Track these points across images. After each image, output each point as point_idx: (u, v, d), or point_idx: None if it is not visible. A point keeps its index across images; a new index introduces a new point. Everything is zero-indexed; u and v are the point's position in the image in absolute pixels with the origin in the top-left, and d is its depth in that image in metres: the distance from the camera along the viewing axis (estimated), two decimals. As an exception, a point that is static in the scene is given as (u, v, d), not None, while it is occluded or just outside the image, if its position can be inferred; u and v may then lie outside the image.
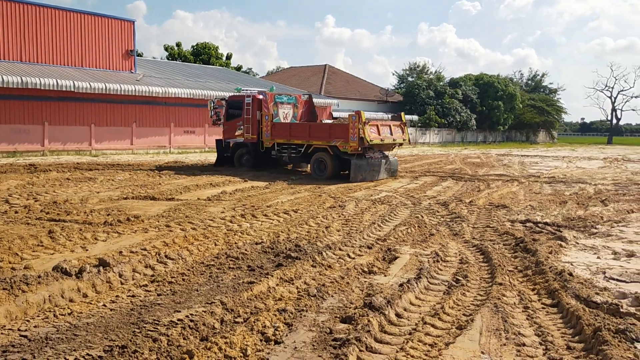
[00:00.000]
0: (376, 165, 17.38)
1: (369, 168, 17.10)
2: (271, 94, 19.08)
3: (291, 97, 19.91)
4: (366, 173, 17.01)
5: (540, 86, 75.80)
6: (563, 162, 28.25)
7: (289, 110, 19.56)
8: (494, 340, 4.51)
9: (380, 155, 17.62)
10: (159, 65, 39.05)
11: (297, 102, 19.91)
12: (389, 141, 17.44)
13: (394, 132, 17.56)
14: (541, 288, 5.96)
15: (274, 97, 19.05)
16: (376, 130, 16.83)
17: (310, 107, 20.45)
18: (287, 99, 19.64)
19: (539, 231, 9.14)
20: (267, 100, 18.79)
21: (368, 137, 16.24)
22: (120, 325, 4.66)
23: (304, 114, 20.21)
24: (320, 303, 5.33)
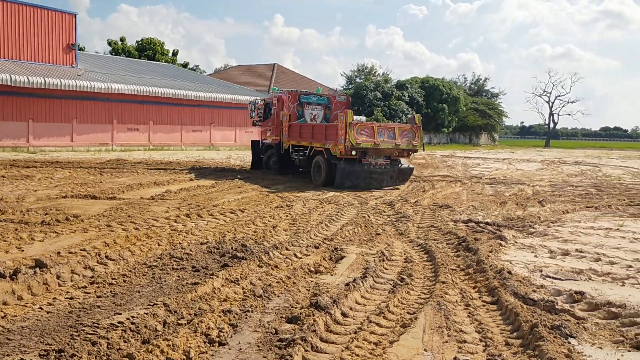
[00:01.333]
0: (376, 173, 15.48)
1: (365, 175, 15.31)
2: (295, 94, 18.36)
3: (322, 97, 18.72)
4: (359, 180, 15.32)
5: (482, 90, 78.20)
6: (503, 164, 29.21)
7: (318, 112, 18.35)
8: (436, 338, 4.60)
9: (385, 161, 15.62)
10: (102, 60, 37.91)
11: (331, 104, 18.61)
12: (387, 146, 15.23)
13: (398, 136, 15.34)
14: (482, 286, 6.13)
15: (299, 97, 18.22)
16: (369, 133, 14.99)
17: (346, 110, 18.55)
18: (317, 100, 18.51)
19: (480, 231, 9.41)
20: (289, 100, 17.96)
21: (353, 140, 14.60)
22: (57, 329, 4.48)
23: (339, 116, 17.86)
24: (266, 303, 5.30)
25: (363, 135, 14.86)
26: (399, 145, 15.33)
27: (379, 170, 15.52)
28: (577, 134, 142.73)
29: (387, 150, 15.37)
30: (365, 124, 15.45)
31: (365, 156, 15.25)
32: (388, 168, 15.69)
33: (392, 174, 15.87)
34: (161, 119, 32.42)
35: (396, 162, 16.07)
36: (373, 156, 15.34)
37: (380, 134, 15.06)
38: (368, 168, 15.32)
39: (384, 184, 15.72)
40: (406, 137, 15.48)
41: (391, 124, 16.66)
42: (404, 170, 16.37)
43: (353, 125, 14.67)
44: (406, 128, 15.61)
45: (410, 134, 15.56)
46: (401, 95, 54.55)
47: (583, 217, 11.27)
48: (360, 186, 15.26)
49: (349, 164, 15.18)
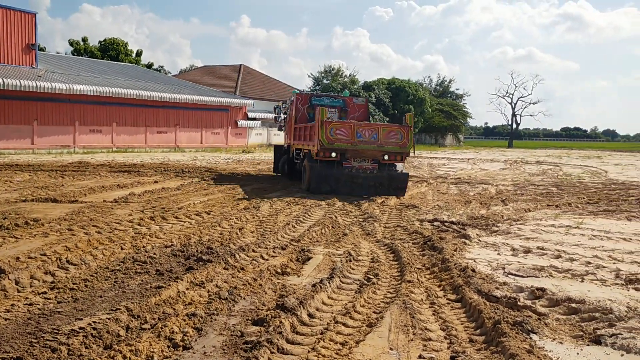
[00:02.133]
0: (359, 178, 13.77)
1: (345, 179, 13.77)
2: (306, 95, 17.40)
3: (337, 99, 17.45)
4: (339, 185, 13.81)
5: (447, 91, 79.37)
6: (468, 164, 29.69)
7: (332, 115, 16.57)
8: (402, 336, 4.63)
9: (372, 165, 13.95)
10: (63, 61, 37.07)
11: (347, 106, 17.13)
12: (367, 147, 13.65)
13: (383, 137, 13.70)
14: (447, 284, 6.21)
15: (310, 99, 17.12)
16: (346, 133, 13.57)
17: (365, 113, 17.44)
18: (330, 102, 17.27)
19: (445, 230, 9.54)
20: (299, 102, 17.03)
21: (324, 140, 13.37)
22: (15, 336, 4.34)
23: (357, 120, 16.64)
24: (231, 306, 5.25)
25: (339, 134, 13.55)
26: (382, 146, 13.67)
27: (363, 175, 13.83)
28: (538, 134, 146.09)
29: (368, 152, 13.74)
30: (342, 123, 14.00)
31: (346, 158, 13.83)
32: (374, 173, 13.89)
33: (381, 180, 13.92)
34: (125, 120, 31.87)
35: (390, 166, 14.18)
36: (357, 159, 13.81)
37: (360, 134, 13.60)
38: (349, 172, 13.77)
39: (370, 192, 13.81)
40: (393, 138, 13.79)
41: (375, 123, 14.92)
42: (396, 177, 14.06)
43: (327, 123, 13.49)
44: (393, 128, 13.96)
45: (399, 134, 13.82)
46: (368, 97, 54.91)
47: (544, 216, 11.53)
48: (340, 192, 13.72)
49: (326, 167, 13.80)
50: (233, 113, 39.68)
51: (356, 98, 17.40)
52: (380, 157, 13.78)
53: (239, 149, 37.74)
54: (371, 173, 13.88)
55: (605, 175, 23.77)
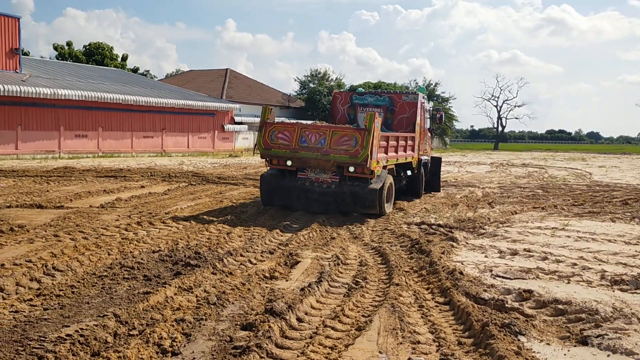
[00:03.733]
0: (314, 193, 11.26)
1: (298, 193, 11.40)
2: (345, 94, 15.02)
3: (382, 97, 14.67)
4: (292, 199, 11.52)
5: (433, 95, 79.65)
6: (454, 167, 29.86)
7: None
8: (391, 340, 4.65)
9: (333, 178, 11.17)
10: (48, 65, 36.74)
11: (394, 105, 14.38)
12: (309, 155, 10.98)
13: (333, 143, 10.82)
14: (435, 287, 6.24)
15: (351, 98, 14.74)
16: (289, 137, 11.12)
17: (414, 112, 14.28)
18: (374, 100, 14.61)
19: (432, 233, 9.58)
20: (338, 101, 14.84)
21: (262, 144, 11.24)
22: (1, 344, 4.29)
23: (406, 121, 14.19)
24: (220, 311, 5.23)
25: (281, 139, 11.09)
26: (327, 155, 10.75)
27: (318, 189, 11.18)
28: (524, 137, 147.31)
29: (312, 162, 11.06)
30: (286, 124, 11.64)
31: (303, 168, 11.39)
32: (332, 188, 11.13)
33: (342, 197, 11.16)
34: (111, 125, 31.64)
35: (357, 181, 11.10)
36: (315, 170, 11.24)
37: (305, 139, 10.94)
38: (302, 185, 11.31)
39: (330, 209, 11.26)
40: (344, 144, 10.67)
41: (326, 125, 11.66)
42: (360, 194, 11.03)
43: (268, 125, 11.25)
44: (347, 132, 10.81)
45: (353, 140, 10.60)
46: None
47: (531, 218, 11.64)
48: (294, 207, 11.48)
49: (278, 177, 11.62)
50: (220, 117, 39.58)
51: (406, 95, 14.49)
52: (345, 168, 10.90)
53: (226, 153, 37.62)
54: (328, 188, 11.12)
55: (590, 177, 24.04)
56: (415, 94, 14.53)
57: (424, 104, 15.21)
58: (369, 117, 10.61)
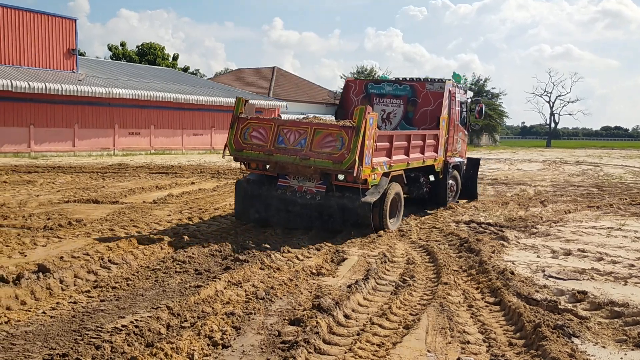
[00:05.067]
0: (296, 205, 9.00)
1: (275, 204, 9.15)
2: (360, 82, 12.77)
3: (402, 86, 12.18)
4: (270, 212, 9.23)
5: (483, 91, 78.13)
6: (505, 165, 29.20)
7: (395, 108, 12.15)
8: (439, 339, 4.61)
9: (318, 187, 8.93)
10: (103, 65, 37.96)
11: (417, 95, 11.99)
12: (286, 159, 8.72)
13: (315, 144, 8.58)
14: (484, 287, 6.14)
15: (366, 86, 12.46)
16: (264, 135, 8.96)
17: (440, 104, 11.68)
18: (393, 90, 12.24)
19: (482, 231, 9.41)
20: (352, 91, 12.62)
21: (233, 144, 9.15)
22: (61, 333, 4.49)
23: (430, 114, 11.79)
24: (268, 306, 5.30)
25: (255, 137, 9.05)
26: (307, 158, 8.53)
27: (300, 201, 8.94)
28: (578, 134, 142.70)
29: (291, 167, 8.87)
30: (262, 120, 9.29)
31: (285, 174, 9.19)
32: (317, 200, 8.88)
33: (329, 211, 8.87)
34: (162, 123, 32.45)
35: (353, 192, 8.73)
36: (298, 176, 9.09)
37: (282, 138, 8.84)
38: (282, 195, 9.08)
39: (315, 224, 9.02)
40: (328, 145, 8.49)
41: (308, 121, 9.18)
42: (350, 208, 8.74)
43: (241, 121, 9.17)
44: (331, 130, 8.55)
45: (338, 140, 8.42)
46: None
47: (585, 217, 11.26)
48: (272, 222, 9.24)
49: (254, 185, 9.40)
50: (267, 115, 39.97)
51: (430, 83, 11.94)
52: (333, 175, 8.77)
53: (273, 151, 37.97)
54: (313, 199, 8.88)
55: (649, 175, 23.05)
56: (442, 81, 11.74)
57: (456, 95, 12.30)
58: (359, 112, 8.22)
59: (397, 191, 9.64)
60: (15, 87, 24.63)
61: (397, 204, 9.78)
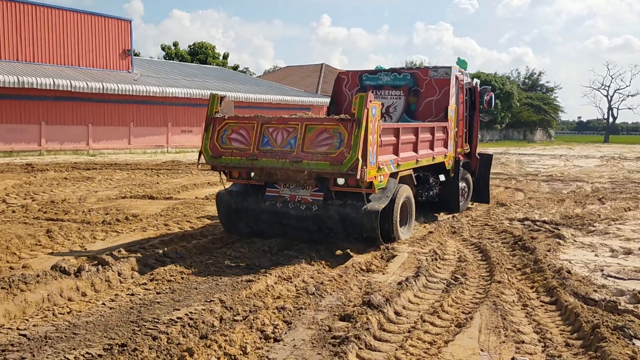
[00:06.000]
0: (286, 216, 7.68)
1: (266, 217, 7.85)
2: (353, 74, 11.20)
3: (402, 75, 10.76)
4: (262, 224, 7.96)
5: (537, 85, 75.97)
6: (560, 161, 28.31)
7: (395, 100, 10.70)
8: (493, 338, 4.52)
9: (314, 195, 7.60)
10: (156, 65, 39.01)
11: (419, 84, 10.51)
12: (273, 163, 7.34)
13: (306, 143, 7.25)
14: (540, 286, 5.98)
15: (360, 78, 11.06)
16: (246, 137, 7.63)
17: (449, 94, 10.21)
18: (392, 80, 10.79)
19: (537, 229, 9.16)
20: (345, 84, 11.22)
21: (208, 150, 7.77)
22: (119, 324, 4.66)
23: (436, 105, 10.30)
24: (318, 301, 5.33)
25: (235, 139, 7.68)
26: (299, 161, 7.15)
27: (294, 212, 7.59)
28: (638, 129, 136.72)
29: (280, 173, 7.40)
30: (242, 120, 7.79)
31: (273, 183, 7.85)
32: (314, 210, 7.50)
33: (328, 223, 7.52)
34: (213, 120, 33.11)
35: (356, 198, 7.42)
36: (289, 184, 7.75)
37: (267, 139, 7.49)
38: (272, 206, 7.74)
39: (314, 237, 7.69)
40: (324, 144, 7.15)
41: (296, 116, 7.73)
42: (353, 218, 7.38)
43: (217, 121, 7.81)
44: (327, 125, 7.22)
45: (336, 137, 7.09)
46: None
47: (647, 215, 10.79)
48: (268, 235, 7.93)
49: (239, 196, 8.08)
50: (315, 112, 40.15)
51: (434, 70, 10.51)
52: (331, 180, 7.39)
53: (322, 147, 38.11)
54: (308, 210, 7.53)
55: None
56: (447, 67, 10.40)
57: (462, 82, 10.91)
58: (358, 101, 6.94)
59: (407, 194, 8.32)
60: (75, 87, 25.64)
61: (408, 209, 8.43)
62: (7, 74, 23.71)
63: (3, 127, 23.92)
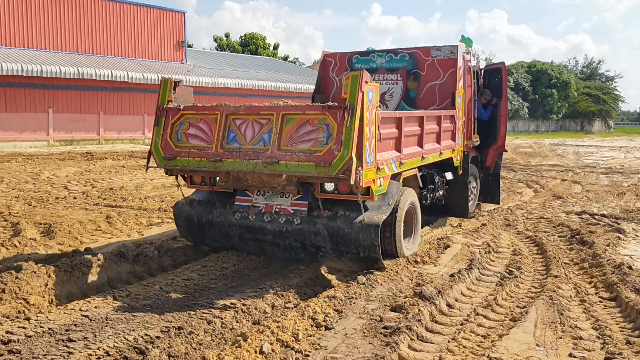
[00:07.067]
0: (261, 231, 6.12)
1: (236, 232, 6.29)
2: (342, 57, 9.39)
3: (399, 56, 8.94)
4: (225, 240, 6.48)
5: (596, 74, 73.04)
6: (620, 153, 27.19)
7: (391, 86, 8.98)
8: (549, 333, 4.40)
9: (295, 205, 6.06)
10: (209, 56, 39.65)
11: (419, 67, 8.78)
12: (241, 166, 5.66)
13: (285, 138, 5.56)
14: (598, 281, 5.78)
15: (350, 60, 9.27)
16: (208, 133, 6.01)
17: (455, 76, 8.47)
18: (387, 62, 9.05)
19: (595, 223, 8.84)
20: (332, 67, 9.47)
21: (160, 150, 6.13)
22: (175, 308, 4.79)
23: (440, 90, 8.63)
24: (369, 291, 5.32)
25: (193, 136, 6.08)
26: (274, 161, 5.51)
27: (270, 226, 6.06)
28: None
29: (250, 178, 5.85)
30: (201, 109, 6.25)
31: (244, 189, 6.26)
32: (296, 224, 5.97)
33: (313, 240, 5.96)
34: (264, 110, 33.45)
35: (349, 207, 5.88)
36: (264, 190, 6.20)
37: (234, 134, 5.88)
38: (243, 219, 6.21)
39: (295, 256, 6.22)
40: (307, 139, 5.52)
41: (270, 106, 5.87)
42: (346, 233, 5.78)
43: (172, 112, 6.23)
44: (311, 115, 5.57)
45: (322, 130, 5.47)
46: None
47: None
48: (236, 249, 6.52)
49: (202, 206, 6.58)
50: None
51: (437, 49, 8.74)
52: (317, 186, 5.84)
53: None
54: (289, 224, 5.99)
55: None
56: (452, 46, 8.66)
57: (469, 63, 9.11)
58: (350, 81, 5.34)
59: (412, 200, 6.72)
60: (131, 78, 26.40)
61: (413, 218, 6.86)
62: (68, 66, 24.63)
63: (64, 117, 24.91)
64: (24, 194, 10.29)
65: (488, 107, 9.72)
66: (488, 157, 9.81)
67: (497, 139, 9.67)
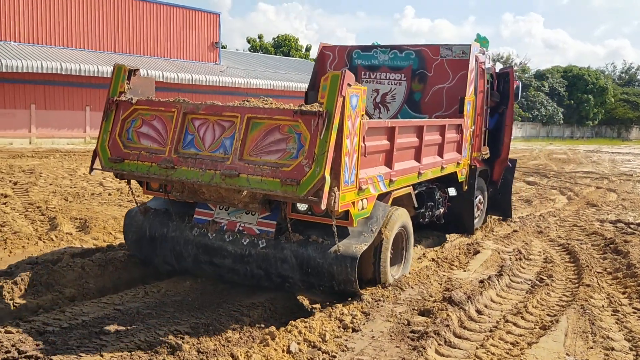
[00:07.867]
0: (221, 253, 5.10)
1: (191, 252, 5.28)
2: (341, 50, 8.54)
3: (404, 53, 8.11)
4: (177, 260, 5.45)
5: (635, 79, 71.24)
6: (659, 161, 26.44)
7: (394, 87, 8.15)
8: (580, 343, 4.33)
9: (260, 224, 5.07)
10: (242, 57, 40.03)
11: (426, 66, 7.93)
12: (202, 176, 4.66)
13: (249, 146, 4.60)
14: (632, 291, 5.65)
15: (350, 55, 8.43)
16: (162, 134, 5.05)
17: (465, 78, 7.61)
18: (391, 59, 8.18)
19: (631, 232, 8.64)
20: (330, 61, 8.59)
21: (107, 149, 5.21)
22: (205, 305, 4.87)
23: (448, 94, 7.80)
24: (398, 294, 5.31)
25: (145, 136, 5.16)
26: (235, 174, 4.52)
27: (233, 248, 5.07)
28: None
29: (207, 191, 4.87)
30: (157, 105, 5.23)
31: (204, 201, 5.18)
32: (262, 247, 4.99)
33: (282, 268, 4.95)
34: (295, 112, 33.61)
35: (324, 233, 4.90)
36: (223, 205, 5.13)
37: (192, 137, 4.95)
38: (201, 236, 5.26)
39: (261, 283, 5.18)
40: (273, 150, 4.56)
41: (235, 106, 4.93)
42: (316, 264, 4.83)
43: (123, 106, 5.33)
44: (281, 121, 4.58)
45: (292, 141, 4.49)
46: (540, 86, 51.31)
47: None
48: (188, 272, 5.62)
49: (157, 217, 5.66)
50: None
51: (447, 48, 7.85)
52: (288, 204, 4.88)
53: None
54: (252, 246, 5.05)
55: None
56: (465, 45, 7.78)
57: (483, 65, 8.16)
58: (329, 82, 4.41)
59: (403, 222, 5.71)
60: (166, 77, 26.85)
61: (403, 242, 5.89)
62: (105, 65, 25.19)
63: (99, 115, 25.44)
64: (61, 190, 10.56)
65: (494, 115, 8.86)
66: (494, 171, 8.91)
67: (500, 152, 8.76)
